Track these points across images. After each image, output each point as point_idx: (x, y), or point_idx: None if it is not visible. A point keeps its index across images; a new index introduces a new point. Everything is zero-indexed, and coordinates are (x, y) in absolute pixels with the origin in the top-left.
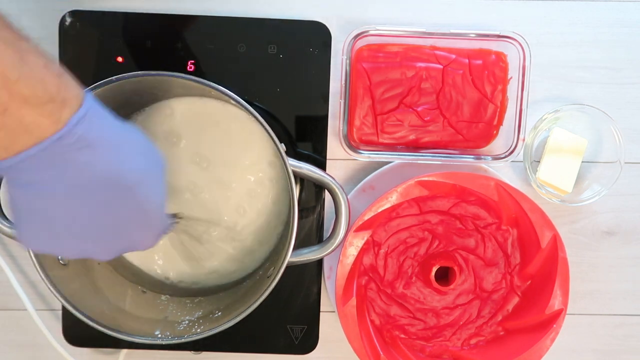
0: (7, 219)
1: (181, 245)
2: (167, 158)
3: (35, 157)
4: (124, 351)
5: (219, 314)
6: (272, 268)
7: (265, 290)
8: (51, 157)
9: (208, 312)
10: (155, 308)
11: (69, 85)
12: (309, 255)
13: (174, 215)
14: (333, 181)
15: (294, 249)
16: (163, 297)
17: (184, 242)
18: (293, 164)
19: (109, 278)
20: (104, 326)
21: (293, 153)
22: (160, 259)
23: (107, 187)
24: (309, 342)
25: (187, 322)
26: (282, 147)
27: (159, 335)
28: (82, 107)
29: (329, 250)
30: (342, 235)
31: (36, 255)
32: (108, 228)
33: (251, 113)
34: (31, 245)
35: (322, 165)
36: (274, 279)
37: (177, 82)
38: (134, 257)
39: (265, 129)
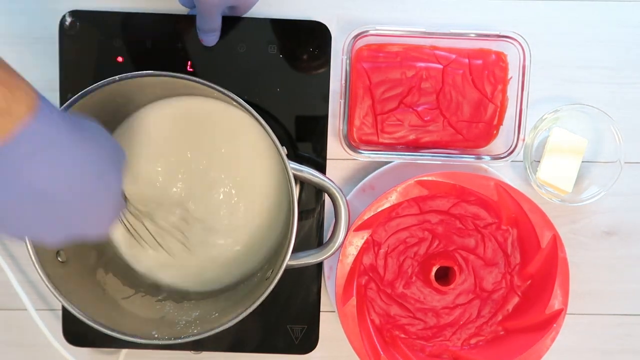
0: None
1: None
2: (165, 158)
3: None
4: (124, 351)
5: (216, 314)
6: (271, 270)
7: (263, 293)
8: None
9: (206, 313)
10: (153, 308)
11: (17, 93)
12: (307, 259)
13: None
14: (333, 185)
15: (293, 251)
16: (161, 297)
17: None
18: (293, 167)
19: (109, 278)
20: (104, 326)
21: (293, 153)
22: (162, 268)
23: (55, 199)
24: (309, 342)
25: (184, 322)
26: (283, 150)
27: (156, 335)
28: (32, 118)
29: (328, 254)
30: (342, 239)
31: (36, 254)
32: (55, 222)
33: (251, 114)
34: None
35: (322, 166)
36: (272, 281)
37: (177, 82)
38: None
39: (266, 130)
